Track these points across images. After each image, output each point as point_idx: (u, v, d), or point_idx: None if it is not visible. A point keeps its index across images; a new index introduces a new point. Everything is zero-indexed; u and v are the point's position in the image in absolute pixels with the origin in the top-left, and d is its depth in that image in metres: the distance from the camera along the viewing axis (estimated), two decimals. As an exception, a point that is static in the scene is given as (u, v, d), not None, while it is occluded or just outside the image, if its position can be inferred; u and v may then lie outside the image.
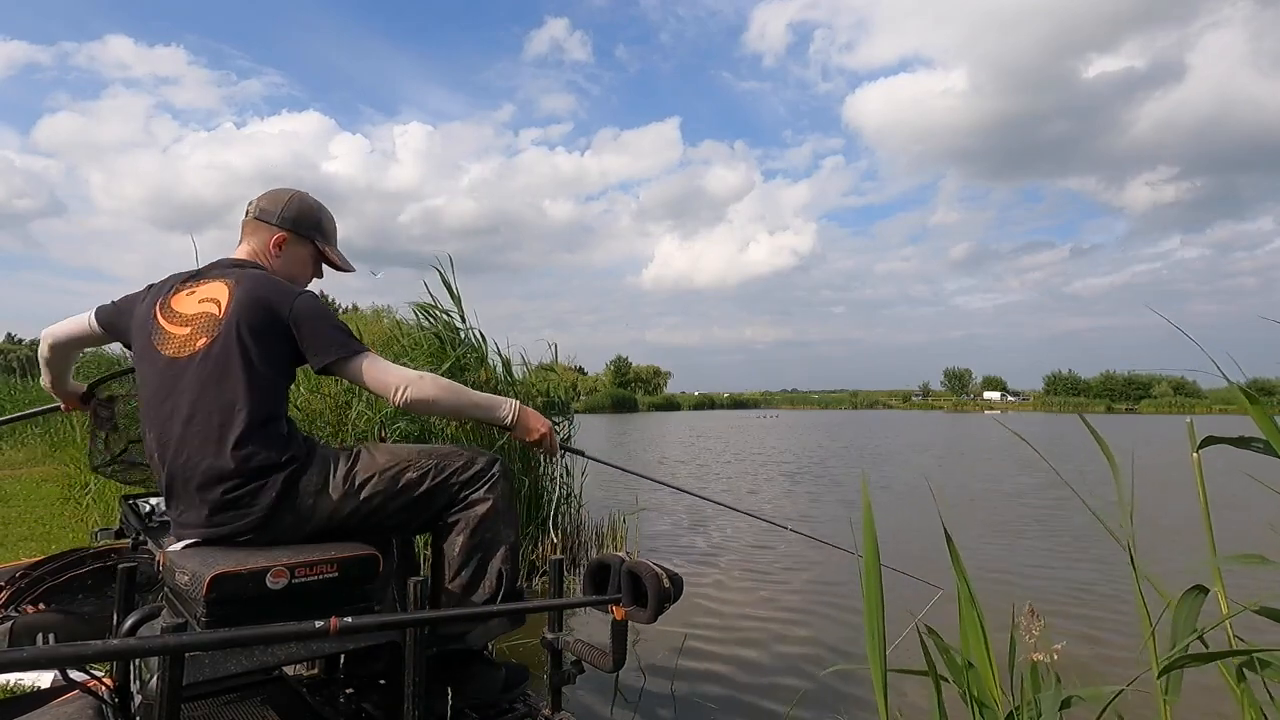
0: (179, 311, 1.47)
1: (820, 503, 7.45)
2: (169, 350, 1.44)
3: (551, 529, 4.15)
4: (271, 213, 1.60)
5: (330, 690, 1.69)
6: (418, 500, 1.47)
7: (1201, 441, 0.98)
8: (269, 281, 1.49)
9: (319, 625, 0.97)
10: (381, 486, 1.44)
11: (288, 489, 1.37)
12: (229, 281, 1.48)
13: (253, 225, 1.61)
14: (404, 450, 1.51)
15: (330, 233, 1.68)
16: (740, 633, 3.25)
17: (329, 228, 1.68)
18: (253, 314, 1.42)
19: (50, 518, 4.95)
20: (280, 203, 1.60)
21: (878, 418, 42.64)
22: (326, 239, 1.66)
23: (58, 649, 1.28)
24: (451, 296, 4.34)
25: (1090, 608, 3.64)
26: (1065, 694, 1.03)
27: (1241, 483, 1.84)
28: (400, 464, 1.47)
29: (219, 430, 1.36)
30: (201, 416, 1.37)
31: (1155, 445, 15.24)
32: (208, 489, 1.35)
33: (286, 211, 1.60)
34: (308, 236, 1.63)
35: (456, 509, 1.51)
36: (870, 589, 1.02)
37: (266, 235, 1.59)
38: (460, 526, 1.50)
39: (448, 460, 1.51)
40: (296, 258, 1.62)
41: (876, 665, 1.01)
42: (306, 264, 1.65)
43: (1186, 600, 0.98)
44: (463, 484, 1.51)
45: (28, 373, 15.26)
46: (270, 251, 1.59)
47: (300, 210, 1.62)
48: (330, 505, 1.41)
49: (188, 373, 1.40)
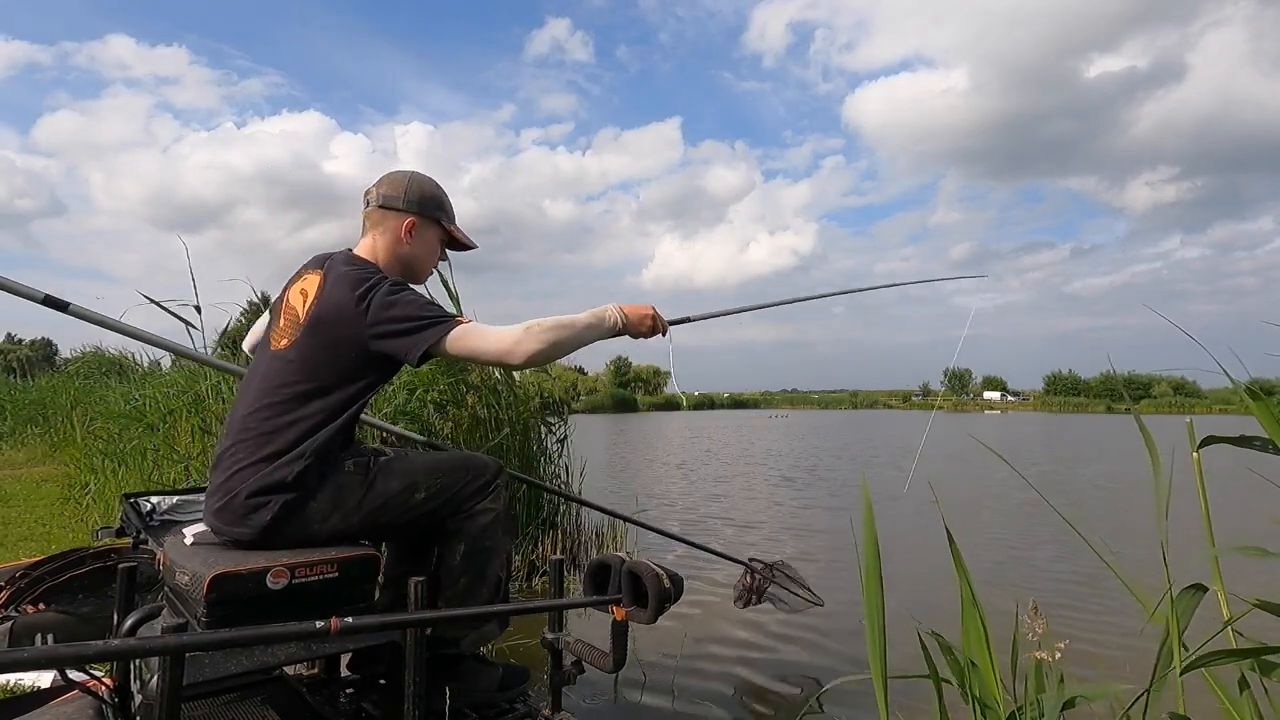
0: (289, 303, 1.48)
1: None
2: (273, 342, 1.46)
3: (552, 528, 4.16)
4: (396, 198, 1.55)
5: (330, 690, 1.69)
6: (422, 517, 1.48)
7: (1202, 441, 0.98)
8: (349, 275, 1.41)
9: (319, 625, 0.97)
10: (391, 510, 1.43)
11: (288, 513, 1.35)
12: (321, 273, 1.44)
13: (378, 215, 1.55)
14: (416, 468, 1.48)
15: (452, 211, 1.64)
16: (741, 633, 3.25)
17: (450, 206, 1.64)
18: (326, 315, 1.38)
19: (50, 518, 4.95)
20: (402, 186, 1.55)
21: (884, 417, 42.64)
22: (450, 218, 1.63)
23: (58, 649, 1.28)
24: (450, 296, 4.34)
25: (1090, 607, 3.64)
26: (1068, 694, 1.03)
27: (1241, 484, 1.85)
28: (411, 486, 1.45)
29: (260, 431, 1.36)
30: (257, 414, 1.37)
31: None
32: (224, 488, 1.35)
33: (410, 194, 1.55)
34: (434, 218, 1.59)
35: (459, 517, 1.51)
36: (870, 591, 1.02)
37: (396, 222, 1.54)
38: (462, 534, 1.50)
39: (454, 477, 1.50)
40: (427, 241, 1.59)
41: (877, 668, 1.01)
42: (435, 246, 1.62)
43: (1184, 598, 0.98)
44: (468, 496, 1.51)
45: (28, 373, 15.25)
46: (403, 239, 1.55)
47: (423, 191, 1.57)
48: (335, 527, 1.40)
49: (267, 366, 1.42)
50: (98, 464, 5.33)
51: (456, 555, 1.49)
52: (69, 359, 12.57)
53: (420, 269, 1.62)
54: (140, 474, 4.94)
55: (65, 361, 13.10)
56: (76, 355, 11.91)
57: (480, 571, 1.51)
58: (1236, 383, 0.93)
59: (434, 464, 1.51)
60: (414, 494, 1.45)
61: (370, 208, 1.57)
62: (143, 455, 5.08)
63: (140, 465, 5.04)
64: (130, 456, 5.19)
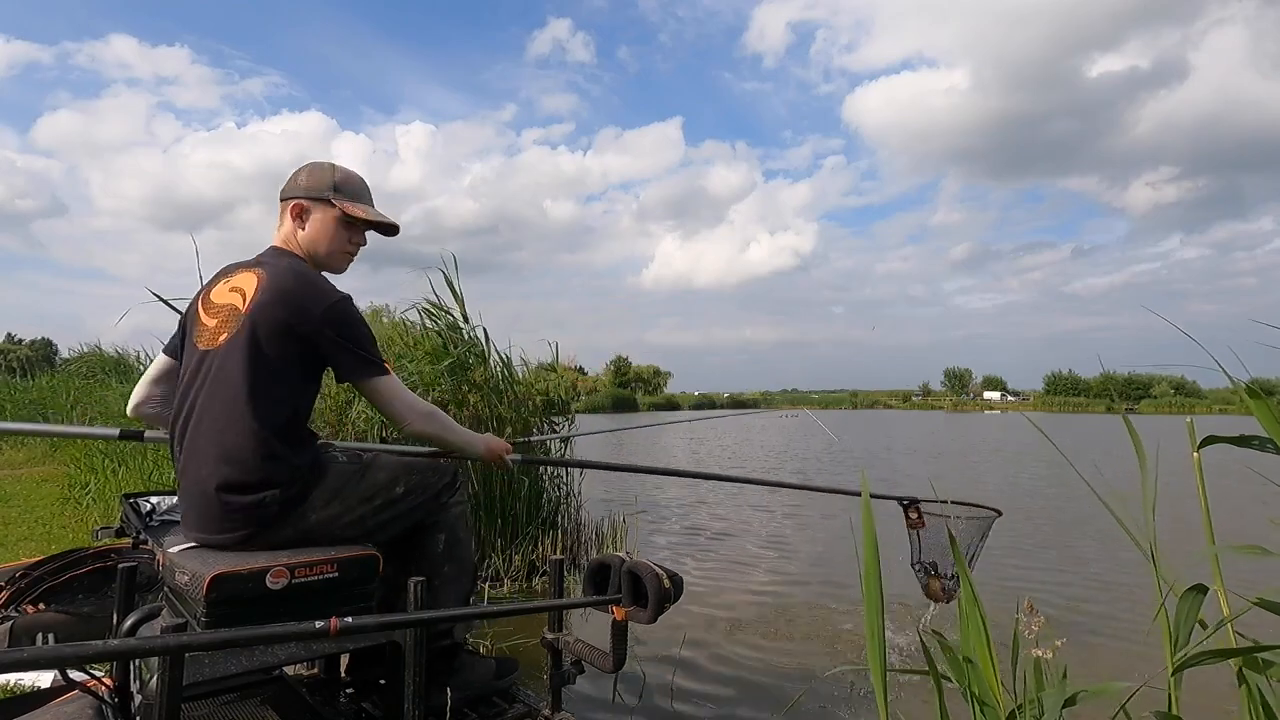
0: (214, 302, 1.45)
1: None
2: (201, 343, 1.42)
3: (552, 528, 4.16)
4: (290, 189, 1.55)
5: (330, 690, 1.69)
6: (403, 514, 1.53)
7: (1202, 441, 0.98)
8: (301, 277, 1.43)
9: (319, 625, 0.97)
10: (379, 503, 1.48)
11: (286, 508, 1.36)
12: (259, 271, 1.43)
13: (281, 208, 1.56)
14: (395, 466, 1.55)
15: (352, 189, 1.56)
16: (742, 632, 3.25)
17: (351, 185, 1.56)
18: (275, 311, 1.37)
19: (50, 518, 4.94)
20: (294, 176, 1.57)
21: (888, 417, 42.63)
22: (347, 196, 1.54)
23: (58, 649, 1.28)
24: (454, 296, 4.34)
25: (1091, 607, 3.64)
26: (1069, 692, 1.03)
27: (1239, 484, 1.85)
28: (393, 480, 1.51)
29: (220, 435, 1.33)
30: (209, 419, 1.35)
31: (1153, 445, 15.20)
32: (205, 496, 1.33)
33: (299, 180, 1.55)
34: (322, 198, 1.52)
35: (436, 519, 1.59)
36: (870, 590, 1.02)
37: (286, 210, 1.54)
38: (441, 525, 1.60)
39: (427, 475, 1.58)
40: (320, 224, 1.53)
41: (876, 665, 1.00)
42: (332, 227, 1.53)
43: (1188, 598, 0.98)
44: (441, 491, 1.60)
45: (28, 373, 15.25)
46: (292, 225, 1.53)
47: (313, 174, 1.55)
48: (331, 521, 1.42)
49: (207, 368, 1.38)
50: (98, 464, 5.34)
51: (438, 545, 1.58)
52: (69, 359, 12.58)
53: (323, 255, 1.55)
54: (140, 474, 4.94)
55: (65, 361, 13.11)
56: (76, 355, 11.93)
57: (460, 558, 1.62)
58: (1236, 382, 0.93)
59: (407, 463, 1.59)
60: (395, 488, 1.51)
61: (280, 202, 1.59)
62: (143, 455, 5.09)
63: (140, 465, 5.04)
64: (130, 456, 5.19)
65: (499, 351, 4.42)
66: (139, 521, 1.65)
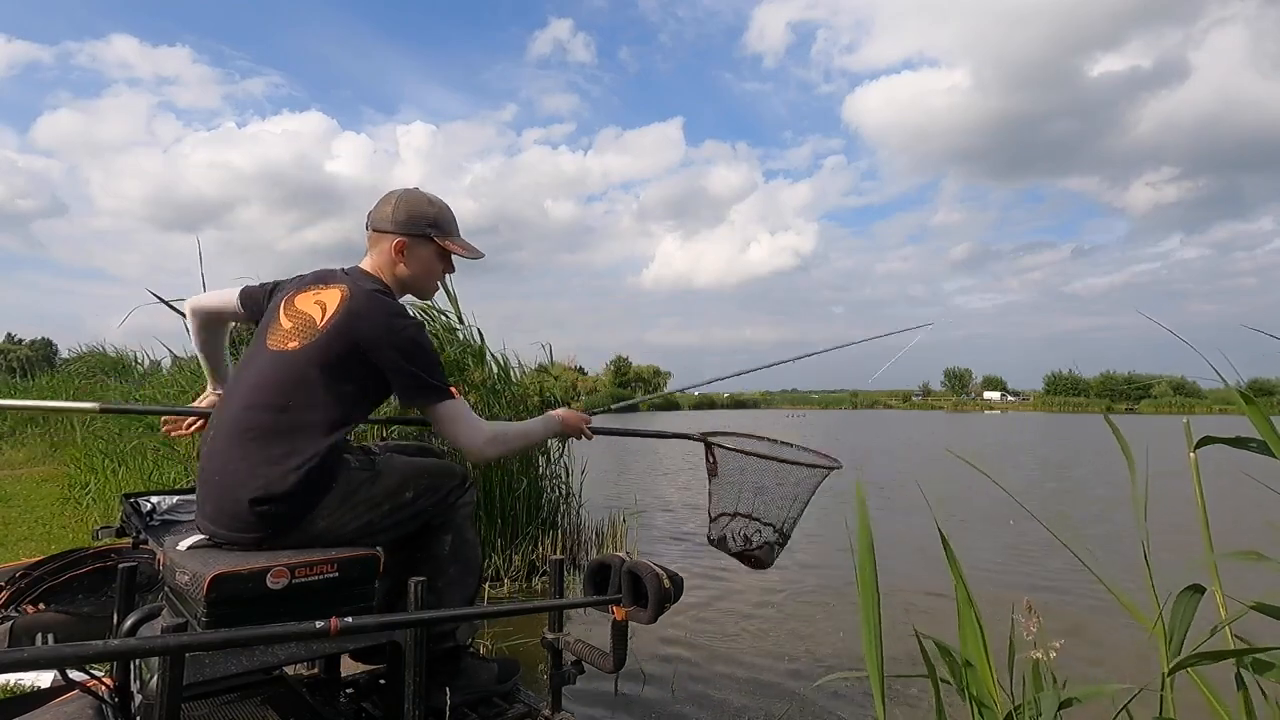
0: (296, 307, 1.50)
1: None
2: (272, 342, 1.47)
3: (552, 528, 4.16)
4: (385, 219, 1.57)
5: (330, 690, 1.70)
6: (412, 516, 1.53)
7: (1198, 441, 0.98)
8: (380, 304, 1.48)
9: (319, 625, 0.97)
10: (387, 508, 1.48)
11: (299, 513, 1.37)
12: (344, 290, 1.48)
13: (373, 238, 1.59)
14: (405, 468, 1.54)
15: (447, 225, 1.63)
16: (742, 632, 3.25)
17: (445, 219, 1.63)
18: (349, 333, 1.42)
19: (50, 518, 4.95)
20: (390, 206, 1.58)
21: (890, 418, 42.60)
22: (444, 232, 1.62)
23: (58, 649, 1.29)
24: (448, 296, 4.35)
25: (1092, 608, 3.64)
26: (1064, 695, 1.03)
27: (1237, 483, 1.85)
28: (403, 484, 1.51)
29: (267, 439, 1.37)
30: (261, 421, 1.38)
31: (1151, 445, 15.23)
32: (233, 493, 1.35)
33: (397, 214, 1.57)
34: (424, 234, 1.59)
35: (442, 522, 1.59)
36: (866, 592, 1.02)
37: (387, 244, 1.57)
38: (448, 527, 1.60)
39: (437, 479, 1.57)
40: (420, 259, 1.59)
41: (874, 668, 1.01)
42: (432, 262, 1.62)
43: (1183, 599, 0.99)
44: (449, 492, 1.59)
45: (28, 373, 15.25)
46: (395, 259, 1.57)
47: (410, 210, 1.58)
48: (339, 526, 1.42)
49: (270, 366, 1.43)
50: (98, 464, 5.34)
51: (445, 547, 1.58)
52: (69, 359, 12.58)
53: (418, 287, 1.65)
54: (140, 474, 4.94)
55: (65, 361, 13.11)
56: (76, 355, 11.93)
57: (466, 560, 1.61)
58: (1230, 386, 0.94)
59: (417, 466, 1.58)
60: (404, 492, 1.50)
61: (368, 230, 1.62)
62: (143, 455, 5.09)
63: (140, 465, 5.05)
64: (130, 456, 5.20)
65: (494, 355, 4.43)
66: (139, 521, 1.65)
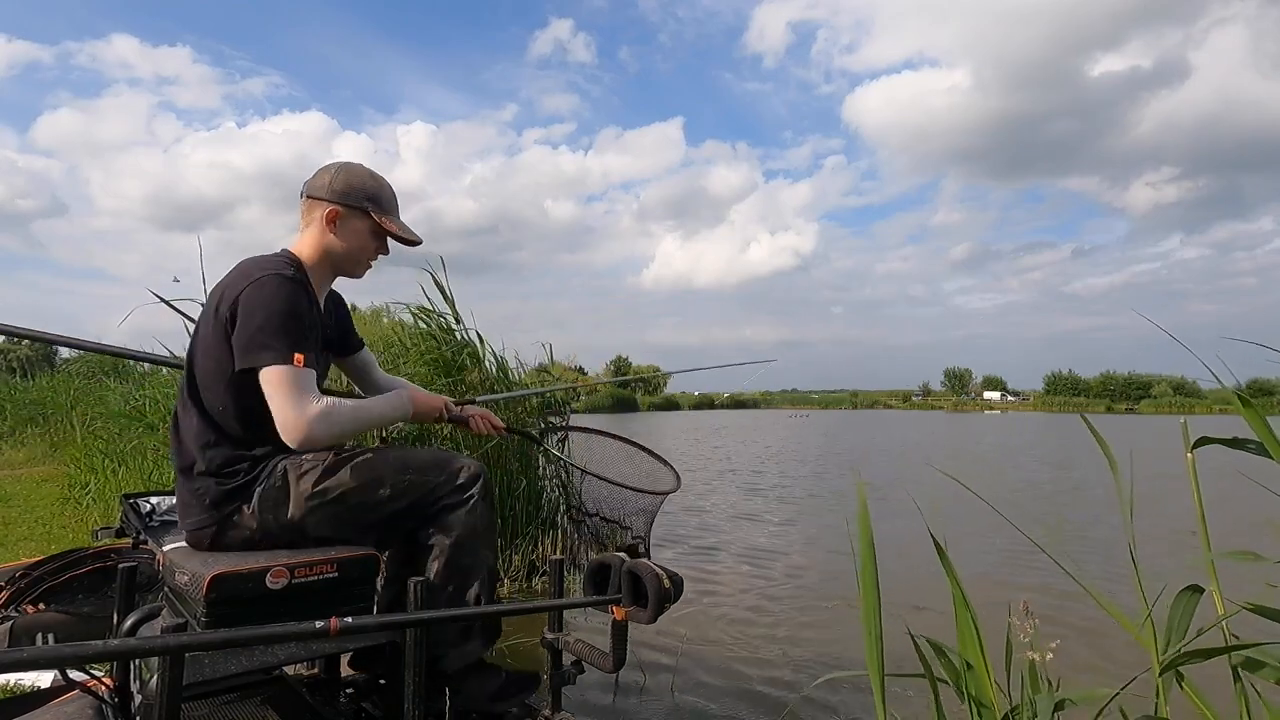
0: None
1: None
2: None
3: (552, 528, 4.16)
4: (321, 187, 1.51)
5: (330, 690, 1.70)
6: (389, 518, 1.44)
7: (1196, 441, 0.98)
8: (240, 266, 1.43)
9: (319, 625, 0.97)
10: (350, 504, 1.39)
11: (230, 497, 1.36)
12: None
13: (306, 205, 1.53)
14: (381, 464, 1.43)
15: (386, 202, 1.56)
16: (741, 633, 3.25)
17: (385, 196, 1.56)
18: (215, 306, 1.38)
19: (50, 518, 4.95)
20: (328, 175, 1.52)
21: (893, 418, 42.59)
22: (383, 209, 1.54)
23: (58, 649, 1.29)
24: (444, 297, 4.35)
25: (1087, 605, 3.64)
26: (1058, 697, 1.03)
27: (1239, 488, 1.85)
28: (374, 481, 1.40)
29: (178, 426, 1.42)
30: (180, 411, 1.43)
31: (1150, 445, 15.24)
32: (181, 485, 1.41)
33: (335, 184, 1.51)
34: (359, 207, 1.51)
35: (433, 527, 1.46)
36: (867, 593, 1.03)
37: (319, 213, 1.50)
38: (437, 551, 1.45)
39: (424, 475, 1.45)
40: (352, 232, 1.52)
41: (875, 668, 1.01)
42: (365, 238, 1.54)
43: (1182, 599, 0.99)
44: (440, 498, 1.46)
45: (28, 373, 15.24)
46: (326, 229, 1.50)
47: (349, 181, 1.52)
48: (288, 519, 1.36)
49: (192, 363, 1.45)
50: (98, 464, 5.34)
51: (431, 573, 1.44)
52: (69, 359, 12.57)
53: (348, 262, 1.55)
54: (140, 474, 4.94)
55: (65, 362, 13.10)
56: (76, 355, 11.92)
57: (459, 592, 1.45)
58: (1227, 387, 0.94)
59: (404, 461, 1.46)
60: (378, 490, 1.40)
61: (302, 198, 1.54)
62: (143, 455, 5.09)
63: (140, 465, 5.04)
64: (130, 456, 5.19)
65: (494, 355, 4.43)
66: (139, 521, 1.66)
